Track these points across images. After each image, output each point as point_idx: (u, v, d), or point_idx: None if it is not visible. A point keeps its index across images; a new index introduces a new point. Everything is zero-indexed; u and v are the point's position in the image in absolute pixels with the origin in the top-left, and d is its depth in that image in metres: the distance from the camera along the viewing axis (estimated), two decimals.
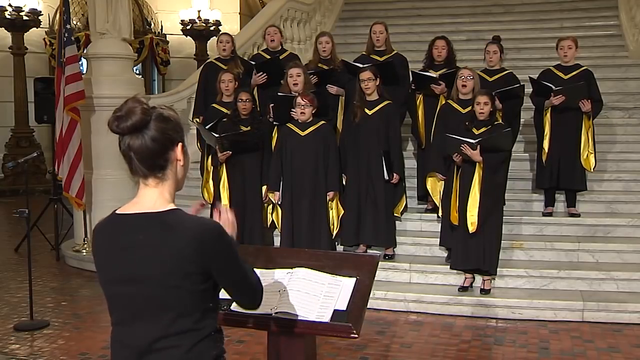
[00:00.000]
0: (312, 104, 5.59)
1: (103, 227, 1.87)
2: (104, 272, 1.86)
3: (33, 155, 6.17)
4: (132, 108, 1.77)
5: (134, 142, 1.79)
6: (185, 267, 1.75)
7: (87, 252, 6.97)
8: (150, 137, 1.78)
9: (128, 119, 1.76)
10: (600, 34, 9.29)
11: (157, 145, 1.79)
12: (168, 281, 1.75)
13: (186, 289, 1.76)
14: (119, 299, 1.84)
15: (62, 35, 6.90)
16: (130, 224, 1.81)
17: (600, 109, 6.14)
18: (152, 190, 1.83)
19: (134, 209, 1.83)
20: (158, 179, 1.83)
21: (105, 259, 1.85)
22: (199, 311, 1.80)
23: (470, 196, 5.17)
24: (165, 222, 1.78)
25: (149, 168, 1.81)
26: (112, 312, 1.88)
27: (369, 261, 2.55)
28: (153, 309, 1.78)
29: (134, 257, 1.77)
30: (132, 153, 1.79)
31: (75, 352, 4.60)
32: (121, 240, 1.80)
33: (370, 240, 5.87)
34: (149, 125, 1.78)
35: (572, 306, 5.15)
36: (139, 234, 1.78)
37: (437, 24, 9.85)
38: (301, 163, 5.67)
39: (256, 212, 5.91)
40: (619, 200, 6.32)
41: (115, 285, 1.83)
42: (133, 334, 1.81)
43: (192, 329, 1.79)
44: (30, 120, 11.44)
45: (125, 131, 1.78)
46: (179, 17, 13.33)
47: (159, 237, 1.76)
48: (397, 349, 4.63)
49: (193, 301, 1.79)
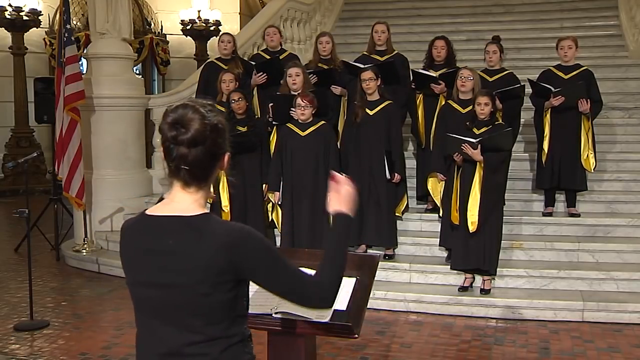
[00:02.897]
0: (311, 104, 5.59)
1: (131, 227, 1.83)
2: (131, 274, 1.82)
3: (33, 155, 6.16)
4: (191, 118, 1.71)
5: (188, 154, 1.72)
6: (215, 275, 1.71)
7: (87, 252, 6.98)
8: (204, 150, 1.72)
9: (187, 131, 1.70)
10: (600, 34, 9.29)
11: (209, 158, 1.74)
12: (198, 289, 1.71)
13: (216, 297, 1.72)
14: (145, 302, 1.79)
15: (62, 35, 6.90)
16: (161, 226, 1.76)
17: (600, 109, 6.14)
18: (190, 195, 1.78)
19: (165, 211, 1.78)
20: (199, 187, 1.78)
21: (133, 261, 1.80)
22: (229, 318, 1.76)
23: (471, 196, 5.18)
24: (196, 227, 1.73)
25: (194, 177, 1.76)
26: (137, 313, 1.84)
27: (369, 261, 2.55)
28: (182, 315, 1.74)
29: (164, 263, 1.73)
30: (183, 164, 1.73)
31: (75, 352, 4.60)
32: (150, 243, 1.76)
33: (373, 240, 5.87)
34: (206, 139, 1.72)
35: (572, 306, 5.15)
36: (169, 239, 1.73)
37: (437, 24, 9.86)
38: (301, 163, 5.67)
39: (257, 213, 5.91)
40: (619, 200, 6.32)
41: (143, 288, 1.78)
42: (160, 338, 1.77)
43: (222, 336, 1.75)
44: (30, 120, 11.44)
45: (184, 144, 1.71)
46: (179, 17, 13.32)
47: (189, 244, 1.71)
48: (397, 349, 4.63)
49: (222, 308, 1.74)
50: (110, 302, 5.80)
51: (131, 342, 4.98)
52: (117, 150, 7.35)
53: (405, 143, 6.94)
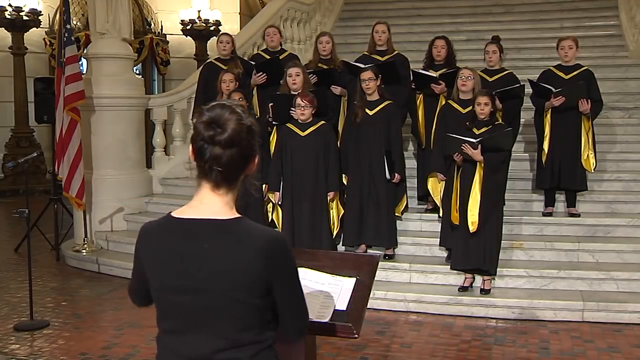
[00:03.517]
0: (311, 104, 5.59)
1: (156, 230, 1.78)
2: (158, 279, 1.76)
3: (33, 155, 6.16)
4: (228, 119, 1.70)
5: (222, 155, 1.70)
6: (252, 280, 1.69)
7: (87, 252, 6.98)
8: (238, 152, 1.71)
9: (224, 132, 1.68)
10: (600, 34, 9.30)
11: (242, 160, 1.73)
12: (233, 294, 1.68)
13: (249, 302, 1.70)
14: (174, 307, 1.74)
15: (62, 35, 6.89)
16: (193, 230, 1.72)
17: (600, 109, 6.13)
18: (220, 197, 1.75)
19: (195, 214, 1.74)
20: (229, 188, 1.75)
21: (161, 265, 1.75)
22: (260, 324, 1.75)
23: (471, 196, 5.17)
24: (233, 231, 1.71)
25: (226, 179, 1.73)
26: (163, 318, 1.78)
27: (369, 261, 2.55)
28: (214, 320, 1.71)
29: (198, 267, 1.69)
30: (216, 164, 1.70)
31: (75, 352, 4.60)
32: (181, 247, 1.72)
33: (372, 240, 5.87)
34: (242, 141, 1.71)
35: (572, 306, 5.15)
36: (203, 243, 1.70)
37: (437, 24, 9.86)
38: (301, 163, 5.67)
39: (257, 213, 5.90)
40: (619, 200, 6.32)
41: (171, 293, 1.73)
42: (190, 343, 1.73)
43: (253, 342, 1.73)
44: (30, 120, 11.43)
45: (220, 144, 1.69)
46: (179, 17, 13.32)
47: (226, 248, 1.69)
48: (397, 349, 4.63)
49: (255, 314, 1.73)
50: (110, 302, 5.80)
51: (131, 342, 4.99)
52: (117, 150, 7.34)
53: (405, 143, 6.94)
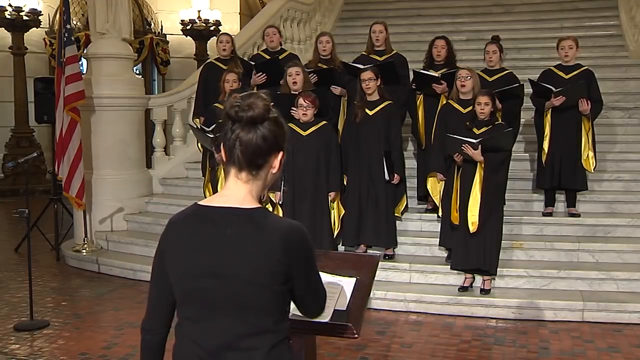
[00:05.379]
0: (314, 105, 5.58)
1: (181, 219, 1.83)
2: (180, 265, 1.80)
3: (33, 155, 6.16)
4: (254, 102, 1.77)
5: (245, 134, 1.76)
6: (274, 266, 1.73)
7: (87, 252, 6.98)
8: (262, 135, 1.77)
9: (250, 110, 1.75)
10: (600, 34, 9.31)
11: (265, 144, 1.78)
12: (255, 279, 1.73)
13: (271, 289, 1.74)
14: (196, 293, 1.78)
15: (62, 35, 6.89)
16: (217, 217, 1.77)
17: (600, 109, 6.13)
18: (243, 186, 1.80)
19: (220, 202, 1.80)
20: (252, 176, 1.80)
21: (186, 252, 1.79)
22: (279, 312, 1.79)
23: (471, 196, 5.17)
24: (255, 219, 1.76)
25: (248, 162, 1.78)
26: (183, 306, 1.82)
27: (369, 261, 2.55)
28: (235, 306, 1.74)
29: (221, 252, 1.74)
30: (238, 143, 1.76)
31: (75, 352, 4.60)
32: (206, 233, 1.77)
33: (372, 240, 5.87)
34: (265, 123, 1.77)
35: (572, 306, 5.15)
36: (226, 229, 1.75)
37: (437, 24, 9.87)
38: (303, 163, 5.66)
39: None
40: (619, 200, 6.32)
41: (194, 278, 1.77)
42: (210, 330, 1.77)
43: (272, 330, 1.77)
44: (30, 120, 11.42)
45: (242, 120, 1.76)
46: (179, 17, 13.32)
47: (249, 234, 1.74)
48: (397, 349, 4.63)
49: (275, 301, 1.77)
50: (110, 302, 5.80)
51: (131, 342, 4.99)
52: (117, 150, 7.34)
53: (405, 143, 6.94)
